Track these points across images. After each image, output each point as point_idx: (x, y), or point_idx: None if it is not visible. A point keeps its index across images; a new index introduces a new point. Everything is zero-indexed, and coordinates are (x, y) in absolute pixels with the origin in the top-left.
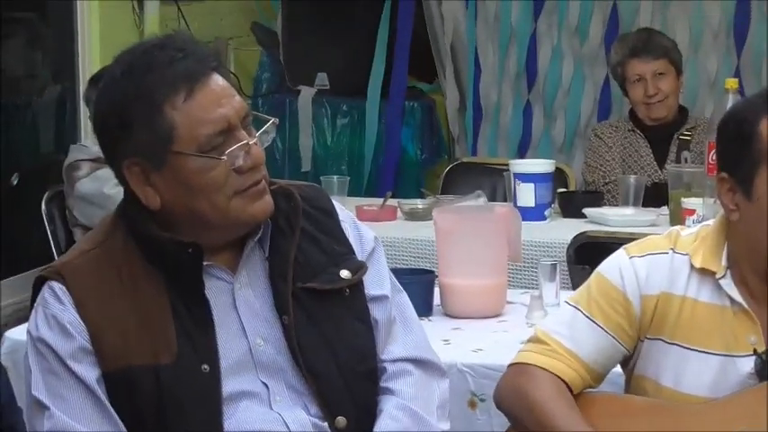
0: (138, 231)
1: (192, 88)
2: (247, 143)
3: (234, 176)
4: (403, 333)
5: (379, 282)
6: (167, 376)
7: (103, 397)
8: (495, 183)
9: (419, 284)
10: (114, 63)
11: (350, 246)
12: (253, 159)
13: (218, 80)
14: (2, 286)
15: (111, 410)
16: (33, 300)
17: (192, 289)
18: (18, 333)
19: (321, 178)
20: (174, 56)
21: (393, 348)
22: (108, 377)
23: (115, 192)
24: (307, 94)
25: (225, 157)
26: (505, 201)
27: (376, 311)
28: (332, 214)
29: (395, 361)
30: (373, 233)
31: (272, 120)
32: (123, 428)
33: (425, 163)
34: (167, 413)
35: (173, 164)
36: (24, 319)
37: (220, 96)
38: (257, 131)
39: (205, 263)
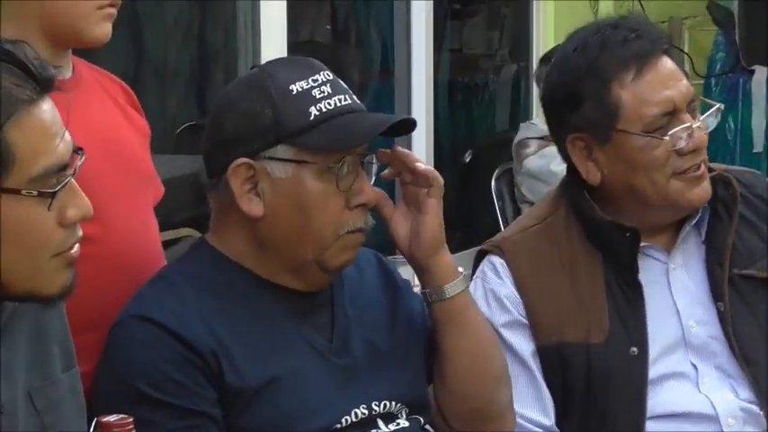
0: (579, 209)
1: (642, 68)
2: (690, 126)
3: (674, 157)
4: None
5: None
6: (597, 355)
7: (537, 372)
8: None
9: None
10: (568, 40)
11: None
12: (694, 143)
13: (667, 62)
14: (455, 259)
15: (543, 385)
16: (474, 271)
17: (627, 271)
18: None
19: None
20: (627, 36)
21: None
22: (541, 351)
23: (561, 169)
24: (761, 74)
25: (667, 138)
26: None
27: None
28: None
29: None
30: None
31: (718, 105)
32: (551, 405)
33: None
34: (592, 391)
35: (615, 141)
36: None
37: (668, 78)
38: (701, 115)
39: (641, 244)
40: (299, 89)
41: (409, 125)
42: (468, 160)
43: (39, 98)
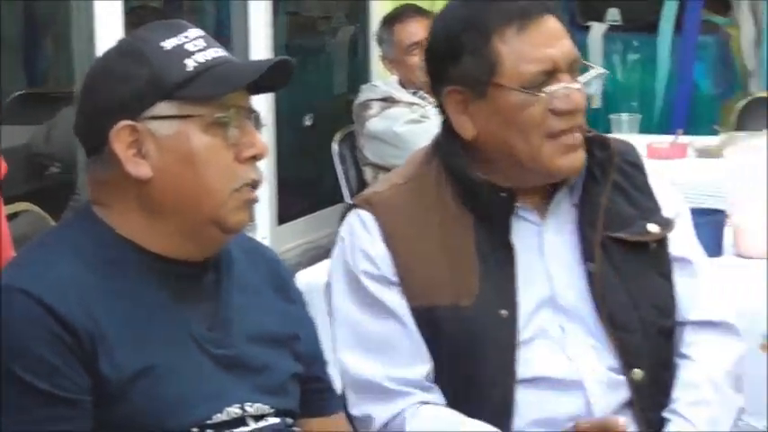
0: (452, 168)
1: (525, 24)
2: (568, 87)
3: (550, 117)
4: (702, 296)
5: (685, 244)
6: (465, 318)
7: (413, 326)
8: None
9: (709, 225)
10: None
11: (656, 202)
12: (572, 103)
13: (551, 21)
14: (298, 225)
15: (422, 342)
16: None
17: (499, 232)
18: (311, 274)
19: (610, 116)
20: None
21: (693, 311)
22: (413, 314)
23: (404, 130)
24: (597, 30)
25: (543, 95)
26: None
27: (678, 272)
28: (641, 169)
29: (694, 324)
30: (681, 194)
31: (603, 71)
32: (430, 363)
33: (719, 98)
34: (461, 355)
35: (493, 95)
36: (317, 258)
37: (551, 37)
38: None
39: (515, 204)
40: (173, 45)
41: (288, 68)
42: (309, 124)
43: None
